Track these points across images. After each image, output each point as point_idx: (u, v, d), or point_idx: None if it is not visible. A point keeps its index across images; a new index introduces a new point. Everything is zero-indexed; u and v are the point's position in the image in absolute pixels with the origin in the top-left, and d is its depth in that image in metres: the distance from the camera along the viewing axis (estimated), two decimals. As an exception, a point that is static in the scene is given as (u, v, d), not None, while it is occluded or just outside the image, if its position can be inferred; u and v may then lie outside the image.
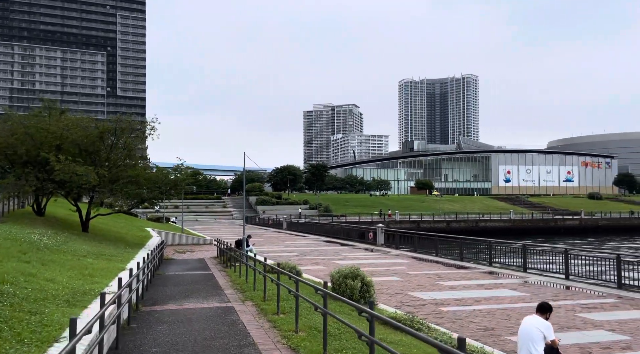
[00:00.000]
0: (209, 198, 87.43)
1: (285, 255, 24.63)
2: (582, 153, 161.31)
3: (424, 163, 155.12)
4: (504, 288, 14.93)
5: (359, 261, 21.82)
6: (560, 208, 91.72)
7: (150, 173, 22.09)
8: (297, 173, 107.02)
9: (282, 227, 49.03)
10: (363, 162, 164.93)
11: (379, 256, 24.50)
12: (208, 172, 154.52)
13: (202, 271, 18.50)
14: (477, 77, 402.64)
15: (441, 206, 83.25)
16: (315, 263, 21.43)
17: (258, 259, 13.12)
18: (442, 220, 70.46)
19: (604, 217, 78.72)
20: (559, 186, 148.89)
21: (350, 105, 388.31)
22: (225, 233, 43.23)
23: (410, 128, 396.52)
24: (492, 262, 20.55)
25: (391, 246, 28.70)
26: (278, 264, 12.53)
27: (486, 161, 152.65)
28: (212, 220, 72.03)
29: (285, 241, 34.69)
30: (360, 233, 32.80)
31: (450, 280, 16.67)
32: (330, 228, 38.16)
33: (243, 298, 11.40)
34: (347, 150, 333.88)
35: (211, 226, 57.76)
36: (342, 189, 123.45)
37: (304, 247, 29.58)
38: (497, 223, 72.74)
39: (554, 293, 14.28)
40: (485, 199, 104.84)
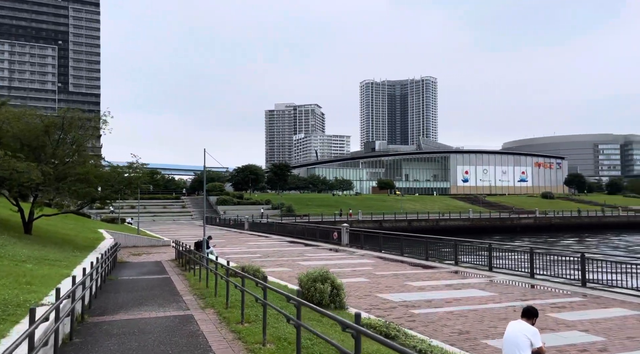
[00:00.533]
0: (167, 198, 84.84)
1: (247, 257, 23.75)
2: (536, 154, 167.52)
3: (386, 163, 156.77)
4: (472, 288, 14.70)
5: (324, 262, 21.24)
6: (516, 207, 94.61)
7: (102, 170, 20.67)
8: (259, 173, 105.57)
9: (244, 228, 47.88)
10: (325, 162, 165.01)
11: (344, 256, 24.01)
12: (166, 171, 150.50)
13: (159, 275, 17.40)
14: (435, 80, 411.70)
15: (403, 206, 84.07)
16: (280, 264, 20.68)
17: (220, 262, 12.24)
18: (404, 219, 71.08)
19: (556, 216, 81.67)
20: (514, 186, 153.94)
21: (312, 105, 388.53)
22: (184, 234, 41.72)
23: (371, 128, 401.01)
24: (457, 261, 20.44)
25: (356, 246, 28.30)
26: (242, 268, 11.75)
27: (445, 161, 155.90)
28: (171, 221, 69.82)
29: (248, 242, 33.71)
30: (324, 233, 32.27)
31: (418, 280, 16.33)
32: (294, 228, 37.45)
33: (203, 305, 10.54)
34: (309, 150, 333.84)
35: (169, 227, 55.81)
36: (304, 189, 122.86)
37: (267, 248, 28.76)
38: (456, 222, 74.17)
39: (522, 292, 14.16)
40: (444, 198, 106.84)
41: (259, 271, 14.04)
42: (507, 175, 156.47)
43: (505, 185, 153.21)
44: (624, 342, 8.84)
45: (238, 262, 21.16)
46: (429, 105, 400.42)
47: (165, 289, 13.74)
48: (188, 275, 16.22)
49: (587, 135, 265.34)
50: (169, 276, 16.35)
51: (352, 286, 14.87)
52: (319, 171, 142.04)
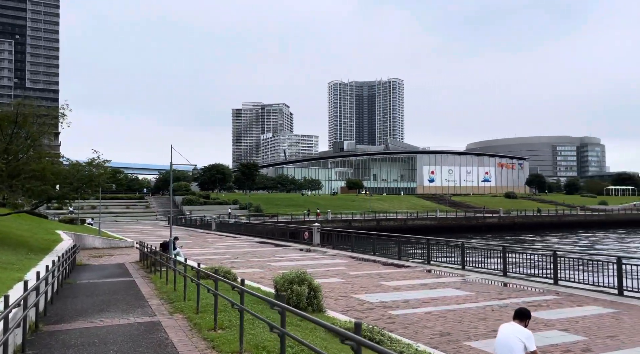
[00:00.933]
0: (131, 198, 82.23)
1: (216, 258, 22.98)
2: (498, 155, 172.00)
3: (354, 163, 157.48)
4: (447, 287, 14.53)
5: (296, 263, 20.75)
6: (480, 206, 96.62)
7: (60, 167, 19.41)
8: (226, 172, 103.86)
9: (211, 228, 46.74)
10: (294, 162, 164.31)
11: (316, 256, 23.56)
12: (130, 170, 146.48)
13: (122, 278, 16.46)
14: (402, 81, 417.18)
15: (371, 205, 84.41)
16: (250, 265, 20.04)
17: (190, 264, 11.51)
18: (373, 219, 71.35)
19: (519, 215, 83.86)
20: (478, 186, 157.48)
21: (280, 104, 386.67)
22: (149, 235, 40.32)
23: (339, 128, 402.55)
24: (430, 260, 20.34)
25: (327, 246, 27.90)
26: (215, 270, 11.08)
27: (412, 161, 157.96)
28: (134, 221, 67.63)
29: (215, 242, 32.80)
30: (295, 233, 31.73)
31: (392, 280, 16.06)
32: (263, 228, 36.73)
33: (172, 310, 9.84)
34: (277, 150, 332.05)
35: (133, 227, 53.95)
36: (273, 189, 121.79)
37: (236, 249, 27.99)
38: (424, 221, 75.01)
39: (497, 291, 14.07)
40: (412, 198, 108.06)
41: (230, 273, 13.42)
42: (472, 175, 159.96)
43: (469, 185, 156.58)
44: (605, 341, 8.75)
45: (207, 263, 20.39)
46: (395, 106, 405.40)
47: (129, 293, 12.92)
48: (154, 278, 15.38)
49: (546, 137, 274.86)
50: (133, 279, 15.47)
51: (327, 287, 14.43)
52: (287, 171, 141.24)
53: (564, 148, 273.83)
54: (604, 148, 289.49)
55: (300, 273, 9.63)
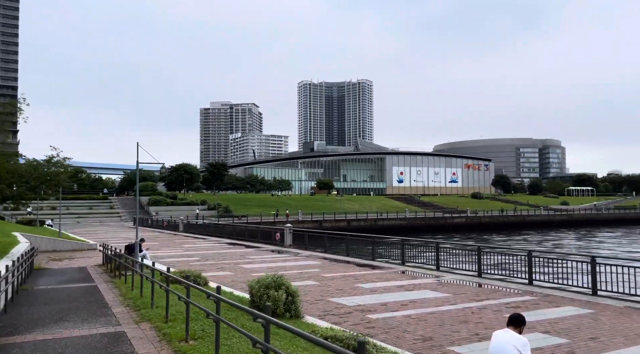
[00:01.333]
0: (94, 198, 79.47)
1: (184, 260, 22.15)
2: (465, 156, 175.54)
3: (324, 164, 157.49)
4: (424, 289, 14.31)
5: (268, 265, 20.20)
6: (449, 206, 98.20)
7: (15, 165, 18.19)
8: (194, 172, 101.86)
9: (178, 229, 45.47)
10: (264, 162, 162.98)
11: (288, 258, 23.05)
12: (93, 170, 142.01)
13: (84, 283, 15.50)
14: (371, 83, 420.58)
15: (342, 206, 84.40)
16: (221, 268, 19.34)
17: (158, 268, 10.79)
18: (344, 219, 71.31)
19: (486, 215, 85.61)
20: (446, 187, 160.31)
21: (249, 104, 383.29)
22: (113, 237, 38.83)
23: (309, 129, 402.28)
24: (405, 261, 20.16)
25: (300, 247, 27.43)
26: (186, 276, 10.44)
27: (381, 162, 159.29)
28: (97, 223, 65.28)
29: (184, 244, 31.79)
30: (266, 234, 31.11)
31: (368, 281, 15.74)
32: (233, 230, 35.90)
33: (138, 319, 9.15)
34: (246, 150, 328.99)
35: (96, 229, 51.96)
36: (242, 189, 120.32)
37: (206, 250, 27.15)
38: (394, 221, 75.52)
39: (474, 292, 13.93)
40: (381, 198, 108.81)
41: (200, 277, 12.79)
42: (439, 176, 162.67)
43: (437, 185, 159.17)
44: (588, 344, 8.62)
45: (175, 266, 19.59)
46: (365, 107, 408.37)
47: (91, 300, 12.09)
48: (118, 283, 14.52)
49: (510, 139, 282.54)
50: (96, 284, 14.56)
51: (302, 290, 13.95)
52: (257, 171, 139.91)
53: (526, 150, 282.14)
54: (564, 150, 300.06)
55: (277, 277, 9.13)
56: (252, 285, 9.23)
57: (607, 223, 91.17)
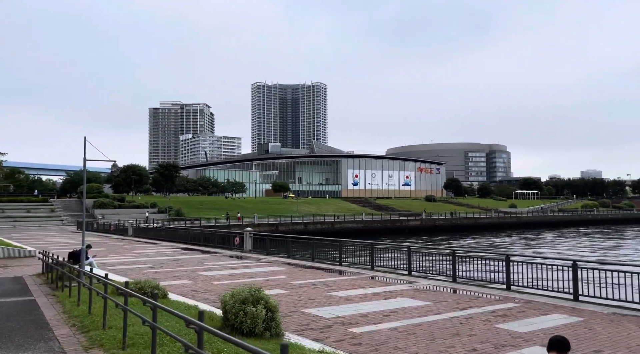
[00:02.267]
0: (32, 201, 74.15)
1: (136, 268, 20.31)
2: (418, 160, 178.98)
3: (279, 166, 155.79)
4: (401, 297, 13.45)
5: (230, 272, 18.78)
6: (404, 209, 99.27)
7: None
8: (143, 174, 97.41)
9: (127, 233, 42.76)
10: (217, 163, 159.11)
11: (250, 264, 21.67)
12: (32, 171, 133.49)
13: (20, 297, 13.51)
14: (325, 86, 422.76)
15: (298, 209, 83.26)
16: (178, 276, 17.73)
17: (112, 281, 9.18)
18: (301, 222, 70.17)
19: (440, 217, 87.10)
20: (399, 190, 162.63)
21: (201, 104, 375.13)
22: (54, 243, 35.86)
23: (263, 131, 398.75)
24: (374, 266, 19.33)
25: (261, 252, 26.08)
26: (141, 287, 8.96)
27: (337, 165, 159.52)
28: (36, 227, 60.78)
29: (134, 250, 29.60)
30: (224, 238, 29.47)
31: (341, 289, 14.71)
32: (188, 234, 33.94)
33: (87, 344, 7.62)
34: (198, 151, 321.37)
35: (34, 234, 48.11)
36: (194, 191, 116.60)
37: (159, 257, 25.25)
38: (350, 224, 75.24)
39: (454, 300, 13.20)
40: (338, 201, 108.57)
41: (158, 288, 11.29)
42: (393, 179, 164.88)
43: (391, 188, 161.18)
44: (596, 357, 7.97)
45: (126, 275, 17.80)
46: (319, 110, 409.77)
47: (29, 319, 10.33)
48: (61, 296, 12.69)
49: (459, 144, 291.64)
50: (34, 299, 12.66)
51: (272, 301, 12.76)
52: (209, 172, 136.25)
53: (474, 155, 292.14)
54: (509, 155, 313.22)
55: (255, 290, 7.91)
56: (225, 300, 7.94)
57: (553, 225, 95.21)
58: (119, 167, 12.89)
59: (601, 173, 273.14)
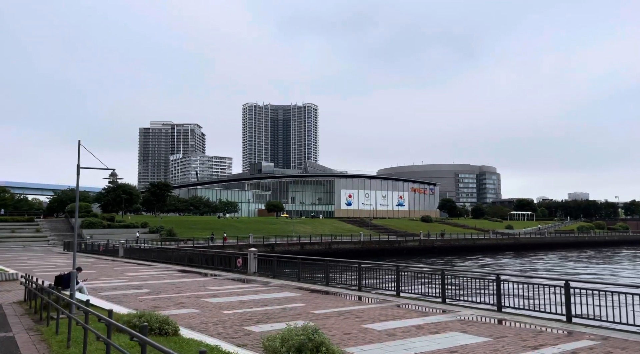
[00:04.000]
0: (17, 220, 71.03)
1: (132, 293, 18.07)
2: (412, 180, 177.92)
3: (272, 186, 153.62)
4: (451, 330, 11.46)
5: (238, 298, 16.65)
6: (401, 230, 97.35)
7: None
8: (134, 193, 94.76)
9: (118, 255, 40.26)
10: (208, 183, 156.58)
11: (258, 289, 19.51)
12: (17, 190, 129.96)
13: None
14: (317, 106, 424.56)
15: (294, 229, 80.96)
16: (181, 304, 15.55)
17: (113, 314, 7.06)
18: (297, 243, 68.01)
19: (438, 238, 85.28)
20: (393, 210, 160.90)
21: (192, 124, 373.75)
22: (39, 265, 33.30)
23: (254, 151, 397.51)
24: (399, 292, 17.33)
25: (267, 275, 23.93)
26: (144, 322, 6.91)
27: (330, 185, 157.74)
28: (20, 247, 57.77)
29: (126, 272, 27.23)
30: (224, 259, 27.29)
31: (374, 320, 12.67)
32: (183, 255, 31.63)
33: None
34: (188, 171, 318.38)
35: (18, 255, 45.30)
36: (185, 211, 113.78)
37: (155, 280, 22.96)
38: (348, 245, 73.21)
39: (516, 334, 11.21)
40: (333, 221, 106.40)
41: (167, 322, 9.20)
42: (387, 199, 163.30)
43: (385, 208, 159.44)
44: None
45: (121, 302, 15.59)
46: (310, 130, 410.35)
47: (4, 363, 8.19)
48: (46, 333, 10.50)
49: (450, 165, 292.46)
50: (13, 335, 10.43)
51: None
52: (201, 192, 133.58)
53: (465, 176, 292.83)
54: (499, 176, 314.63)
55: (310, 331, 5.96)
56: (273, 346, 5.95)
57: (551, 246, 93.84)
58: (117, 176, 10.79)
59: (588, 195, 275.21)
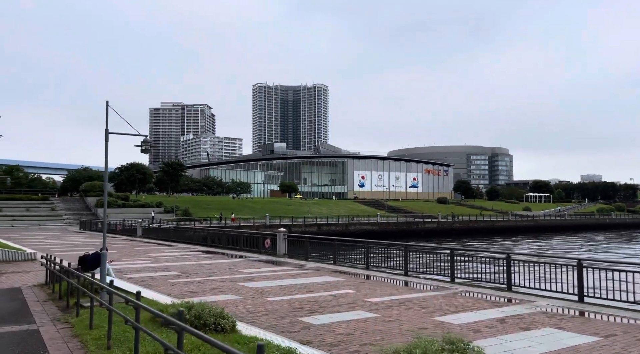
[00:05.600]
0: (32, 199, 70.39)
1: (159, 276, 16.63)
2: (426, 162, 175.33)
3: (284, 166, 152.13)
4: (544, 326, 9.75)
5: (277, 283, 15.12)
6: (417, 211, 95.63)
7: None
8: (147, 172, 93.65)
9: (136, 234, 39.09)
10: (220, 163, 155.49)
11: (295, 272, 17.99)
12: (30, 169, 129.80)
13: (16, 324, 9.57)
14: (327, 87, 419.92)
15: (310, 210, 79.61)
16: (218, 289, 14.04)
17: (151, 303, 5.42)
18: (314, 224, 66.63)
19: (456, 220, 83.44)
20: (406, 192, 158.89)
21: (202, 105, 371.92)
22: (57, 244, 32.17)
23: (264, 132, 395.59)
24: (454, 277, 15.69)
25: (298, 257, 22.44)
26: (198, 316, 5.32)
27: (343, 166, 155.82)
28: (35, 226, 57.03)
29: (149, 253, 25.90)
30: (251, 240, 25.82)
31: (445, 312, 11.03)
32: (206, 235, 30.26)
33: None
34: (199, 152, 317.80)
35: (34, 233, 44.38)
36: (198, 191, 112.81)
37: (180, 262, 21.56)
38: (365, 226, 71.80)
39: (624, 331, 9.49)
40: (348, 203, 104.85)
41: (223, 315, 7.63)
42: (400, 181, 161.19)
43: (398, 190, 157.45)
44: None
45: (151, 287, 14.12)
46: (320, 111, 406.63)
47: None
48: (77, 325, 8.94)
49: (462, 147, 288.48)
50: (38, 328, 8.90)
51: (367, 332, 9.11)
52: (213, 172, 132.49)
53: (477, 158, 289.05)
54: (512, 158, 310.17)
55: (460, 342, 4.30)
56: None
57: (572, 228, 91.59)
58: (150, 143, 9.13)
59: (601, 177, 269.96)
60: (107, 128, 9.94)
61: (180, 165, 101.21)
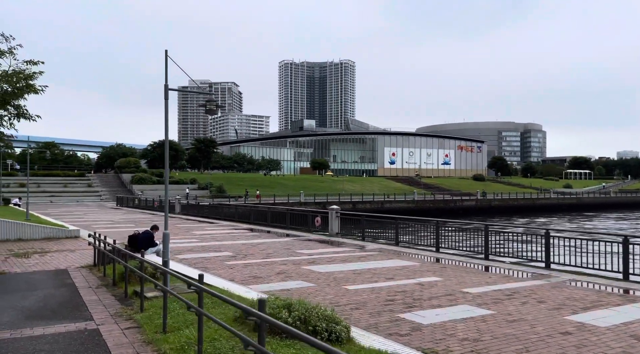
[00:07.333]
0: (69, 175, 70.87)
1: (213, 257, 15.12)
2: (458, 138, 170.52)
3: (313, 143, 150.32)
4: None
5: (348, 267, 13.37)
6: (453, 189, 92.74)
7: None
8: (179, 149, 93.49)
9: (174, 211, 38.14)
10: (250, 140, 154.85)
11: (358, 254, 16.21)
12: (66, 146, 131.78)
13: (69, 320, 8.07)
14: (354, 63, 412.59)
15: (343, 187, 77.87)
16: (284, 274, 12.37)
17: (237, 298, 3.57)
18: (349, 201, 65.06)
19: (496, 198, 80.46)
20: (438, 169, 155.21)
21: (229, 83, 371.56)
22: (96, 220, 31.38)
23: (290, 109, 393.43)
24: (549, 263, 13.63)
25: (353, 236, 20.70)
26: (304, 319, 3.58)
27: (373, 143, 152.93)
28: (74, 202, 57.17)
29: (193, 230, 24.62)
30: (299, 217, 24.20)
31: (570, 308, 9.06)
32: (249, 212, 28.84)
33: None
34: (227, 130, 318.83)
35: (73, 209, 44.09)
36: (229, 168, 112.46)
37: (228, 240, 20.11)
38: (401, 204, 69.89)
39: None
40: (381, 180, 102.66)
41: (335, 321, 5.88)
42: (432, 158, 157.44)
43: (430, 167, 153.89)
44: None
45: (206, 269, 12.54)
46: (347, 88, 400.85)
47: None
48: (144, 323, 7.29)
49: (493, 123, 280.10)
50: (96, 327, 7.28)
51: (496, 337, 7.24)
52: (243, 149, 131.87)
53: (509, 134, 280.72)
54: (545, 134, 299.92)
55: None
56: None
57: (616, 206, 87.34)
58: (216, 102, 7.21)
59: (638, 154, 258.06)
60: (167, 83, 8.24)
61: (212, 141, 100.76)
